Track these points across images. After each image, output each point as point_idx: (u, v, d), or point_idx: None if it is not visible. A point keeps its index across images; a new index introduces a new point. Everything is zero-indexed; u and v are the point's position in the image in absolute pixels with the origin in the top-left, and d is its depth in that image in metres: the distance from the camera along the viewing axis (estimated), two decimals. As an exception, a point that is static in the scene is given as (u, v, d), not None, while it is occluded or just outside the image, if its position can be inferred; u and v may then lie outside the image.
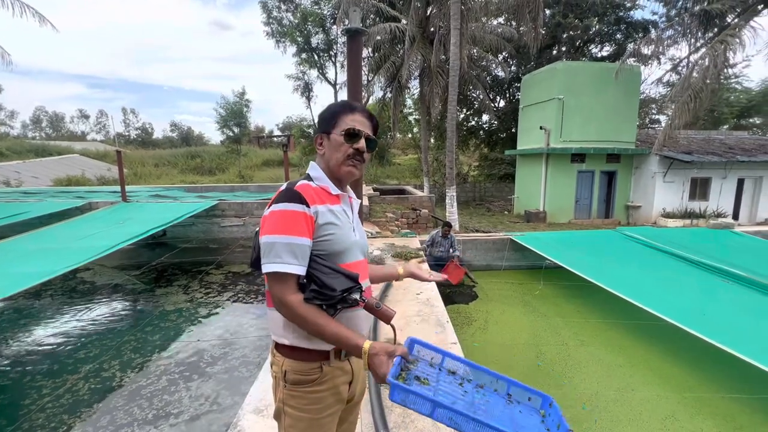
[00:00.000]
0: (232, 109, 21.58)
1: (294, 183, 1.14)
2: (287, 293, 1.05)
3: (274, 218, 1.07)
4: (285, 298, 1.05)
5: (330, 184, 1.19)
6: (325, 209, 1.13)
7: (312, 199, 1.10)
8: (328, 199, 1.17)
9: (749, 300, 4.96)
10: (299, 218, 1.07)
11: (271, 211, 1.09)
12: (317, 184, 1.18)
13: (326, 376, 1.16)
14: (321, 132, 1.22)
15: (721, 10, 10.44)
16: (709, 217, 11.03)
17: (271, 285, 1.08)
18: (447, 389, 1.03)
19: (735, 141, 14.51)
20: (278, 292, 1.06)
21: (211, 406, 3.74)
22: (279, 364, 1.17)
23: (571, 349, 4.75)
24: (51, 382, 4.13)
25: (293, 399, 1.16)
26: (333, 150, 1.19)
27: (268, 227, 1.08)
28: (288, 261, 1.04)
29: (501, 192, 18.22)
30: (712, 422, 3.42)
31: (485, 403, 1.05)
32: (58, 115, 53.22)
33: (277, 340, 1.18)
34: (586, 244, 7.68)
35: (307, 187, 1.13)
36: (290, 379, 1.15)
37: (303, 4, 21.34)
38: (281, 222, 1.06)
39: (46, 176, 18.42)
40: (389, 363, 1.00)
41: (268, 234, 1.07)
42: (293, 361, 1.15)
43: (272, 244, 1.05)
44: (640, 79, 12.70)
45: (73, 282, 7.60)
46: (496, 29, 14.66)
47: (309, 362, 1.15)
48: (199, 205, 9.31)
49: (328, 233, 1.12)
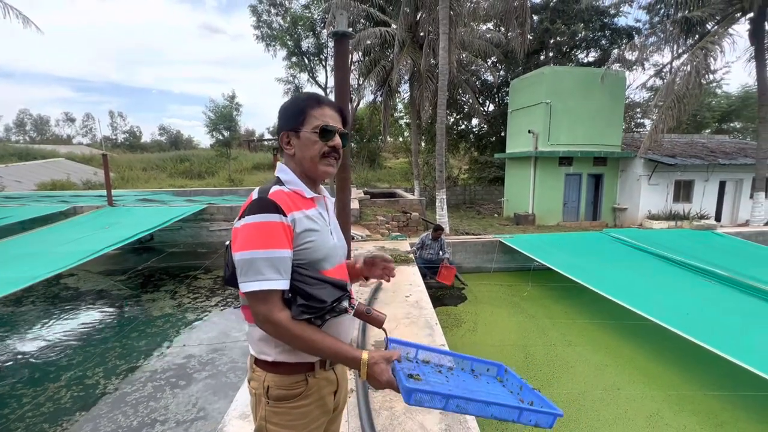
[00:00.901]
0: (221, 113, 21.42)
1: (266, 190, 1.05)
2: (273, 311, 0.98)
3: (250, 231, 0.99)
4: (272, 317, 0.98)
5: (303, 188, 1.11)
6: (301, 216, 1.05)
7: (287, 207, 1.03)
8: (303, 204, 1.09)
9: (731, 299, 5.08)
10: (277, 229, 0.99)
11: (245, 223, 1.00)
12: (290, 189, 1.09)
13: (312, 389, 1.11)
14: (288, 129, 1.11)
15: (701, 17, 10.75)
16: (692, 219, 11.28)
17: (254, 304, 0.99)
18: (434, 380, 1.12)
19: (716, 144, 14.90)
20: (263, 311, 0.98)
21: (198, 412, 3.69)
22: (260, 380, 1.10)
23: (558, 350, 4.80)
24: (32, 390, 4.03)
25: (277, 416, 1.09)
26: (305, 149, 1.10)
27: (244, 242, 0.99)
28: (271, 277, 0.97)
29: (491, 195, 18.39)
30: (695, 419, 3.49)
31: (463, 381, 1.17)
32: (43, 118, 52.16)
33: (258, 356, 1.11)
34: (573, 246, 7.79)
35: (281, 194, 1.05)
36: (273, 395, 1.08)
37: (293, 8, 21.37)
38: (258, 235, 0.98)
39: (29, 180, 18.03)
40: (388, 369, 1.01)
41: (245, 249, 0.98)
42: (276, 376, 1.08)
43: (251, 260, 0.97)
44: (625, 83, 12.97)
45: (56, 288, 7.43)
46: (485, 34, 14.88)
47: (293, 375, 1.09)
48: (187, 209, 9.22)
49: (307, 241, 1.05)
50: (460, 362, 1.27)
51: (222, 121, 21.53)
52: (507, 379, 1.22)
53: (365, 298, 4.60)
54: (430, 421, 2.41)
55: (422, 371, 1.15)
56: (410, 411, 2.49)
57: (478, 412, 0.99)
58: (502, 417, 1.00)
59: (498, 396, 1.11)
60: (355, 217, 9.62)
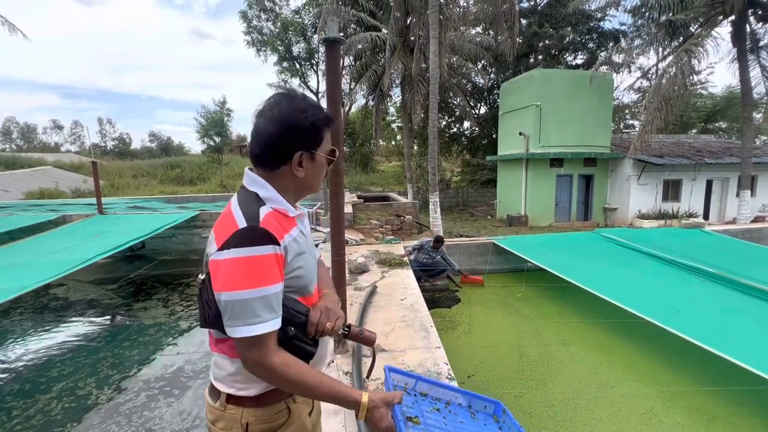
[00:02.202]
0: (212, 119, 21.31)
1: (254, 215, 0.90)
2: (268, 355, 0.87)
3: (241, 268, 0.85)
4: (265, 362, 0.87)
5: (287, 207, 0.98)
6: (291, 241, 0.94)
7: (279, 233, 0.90)
8: (288, 225, 0.97)
9: (720, 296, 5.17)
10: (271, 262, 0.87)
11: (233, 257, 0.85)
12: (272, 207, 0.95)
13: (293, 416, 1.02)
14: (305, 150, 0.97)
15: (685, 20, 11.00)
16: (681, 218, 11.47)
17: (245, 349, 0.88)
18: (433, 421, 1.11)
19: (703, 144, 15.20)
20: (256, 356, 0.87)
21: (194, 420, 3.65)
22: (234, 418, 0.97)
23: (552, 349, 4.84)
24: (21, 402, 3.95)
25: None
26: (317, 172, 1.02)
27: (233, 280, 0.85)
28: (267, 318, 0.86)
29: (484, 197, 18.51)
30: (687, 415, 3.54)
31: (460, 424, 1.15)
32: (30, 126, 51.48)
33: (236, 393, 0.97)
34: (566, 246, 7.88)
35: (270, 218, 0.91)
36: (255, 430, 0.97)
37: (283, 13, 21.40)
38: (251, 272, 0.85)
39: (17, 189, 17.72)
40: (389, 414, 0.94)
41: (234, 289, 0.84)
42: (258, 410, 0.97)
43: (243, 301, 0.84)
44: (613, 85, 13.20)
45: (45, 298, 7.30)
46: (475, 38, 15.04)
47: (276, 405, 0.99)
48: (179, 216, 9.15)
49: (298, 267, 0.96)
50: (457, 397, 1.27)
51: (213, 127, 21.42)
52: (504, 421, 1.21)
53: (360, 302, 4.60)
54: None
55: (420, 410, 1.14)
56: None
57: None
58: None
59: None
60: (348, 222, 9.62)
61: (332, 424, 2.40)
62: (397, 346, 3.47)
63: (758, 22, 10.77)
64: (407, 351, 3.36)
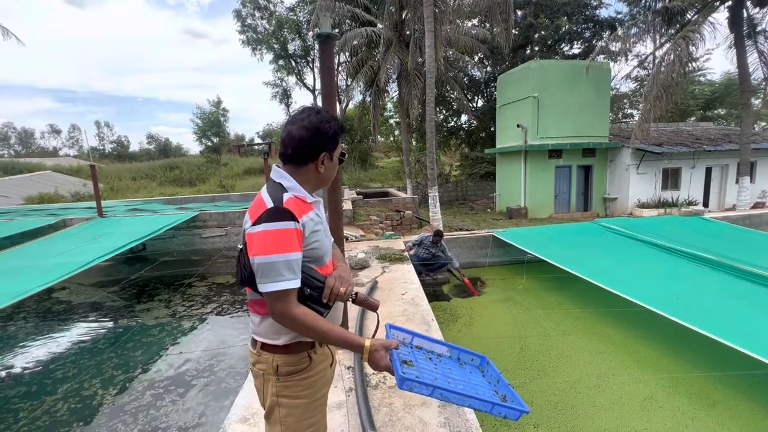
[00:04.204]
0: (209, 119, 21.28)
1: (279, 199, 1.15)
2: (291, 307, 1.12)
3: (269, 238, 1.10)
4: (289, 312, 1.11)
5: (306, 194, 1.24)
6: (308, 220, 1.19)
7: (299, 213, 1.16)
8: (306, 208, 1.22)
9: (719, 283, 5.19)
10: (292, 235, 1.12)
11: (264, 230, 1.10)
12: (293, 194, 1.20)
13: (315, 363, 1.28)
14: (328, 152, 1.26)
15: (682, 6, 10.93)
16: (681, 206, 11.46)
17: (273, 302, 1.12)
18: (424, 366, 1.27)
19: (701, 132, 15.16)
20: (281, 308, 1.11)
21: (199, 418, 3.68)
22: (268, 361, 1.24)
23: (553, 340, 4.86)
24: (28, 404, 3.99)
25: (287, 389, 1.24)
26: (332, 171, 1.31)
27: (264, 247, 1.09)
28: (289, 277, 1.10)
29: (483, 190, 18.50)
30: (687, 400, 3.57)
31: (449, 369, 1.33)
32: (27, 131, 51.44)
33: (269, 342, 1.24)
34: (565, 237, 7.89)
35: (292, 201, 1.17)
36: (283, 371, 1.23)
37: (278, 11, 21.29)
38: (277, 241, 1.09)
39: (16, 195, 17.75)
40: (387, 356, 1.15)
41: (265, 254, 1.09)
42: (285, 356, 1.23)
43: (272, 263, 1.09)
44: (610, 75, 13.13)
45: (47, 302, 7.33)
46: (470, 31, 14.95)
47: (299, 353, 1.24)
48: (179, 217, 9.16)
49: (314, 241, 1.20)
50: (449, 350, 1.42)
51: (210, 128, 21.39)
52: (487, 370, 1.38)
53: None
54: (428, 414, 2.45)
55: (415, 357, 1.29)
56: (409, 406, 2.52)
57: (458, 402, 1.15)
58: (478, 408, 1.17)
59: (477, 386, 1.26)
60: (348, 218, 9.63)
61: (336, 417, 2.43)
62: (398, 339, 3.50)
63: (755, 6, 10.70)
64: (408, 344, 3.38)
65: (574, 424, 3.27)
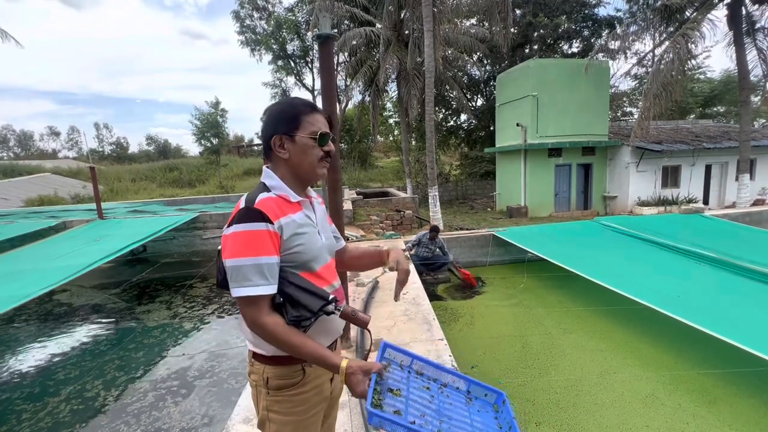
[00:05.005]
0: (207, 120, 21.28)
1: (252, 199, 1.07)
2: (260, 315, 1.02)
3: (238, 239, 1.02)
4: (259, 320, 1.02)
5: (289, 192, 1.13)
6: (288, 221, 1.08)
7: (274, 214, 1.05)
8: (290, 209, 1.11)
9: (720, 280, 5.20)
10: (263, 237, 1.02)
11: (233, 232, 1.03)
12: (276, 194, 1.11)
13: (309, 377, 1.16)
14: (282, 134, 1.12)
15: (681, 4, 10.93)
16: (681, 203, 11.47)
17: (243, 308, 1.04)
18: (416, 396, 1.09)
19: (701, 129, 15.17)
20: (251, 314, 1.03)
21: (202, 419, 3.69)
22: (259, 372, 1.14)
23: (554, 338, 4.87)
24: (31, 406, 4.00)
25: (278, 404, 1.14)
26: (302, 154, 1.13)
27: (232, 249, 1.02)
28: (258, 282, 1.01)
29: (483, 189, 18.50)
30: (689, 397, 3.58)
31: (449, 406, 1.12)
32: (27, 133, 51.36)
33: (256, 351, 1.15)
34: (566, 236, 7.89)
35: (268, 201, 1.07)
36: (273, 385, 1.13)
37: (276, 12, 21.28)
38: (245, 243, 1.01)
39: (16, 197, 17.74)
40: (365, 381, 1.01)
41: (233, 257, 1.01)
42: (275, 367, 1.13)
43: (239, 267, 1.01)
44: (609, 73, 13.14)
45: (49, 305, 7.34)
46: (469, 30, 14.96)
47: (291, 366, 1.13)
48: (179, 218, 9.17)
49: (296, 245, 1.08)
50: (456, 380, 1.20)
51: (209, 129, 21.39)
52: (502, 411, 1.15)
53: (363, 297, 4.63)
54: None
55: (408, 385, 1.11)
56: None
57: None
58: None
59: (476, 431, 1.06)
60: (348, 218, 9.64)
61: (339, 417, 2.43)
62: (400, 339, 3.51)
63: (754, 4, 10.71)
64: (410, 344, 3.39)
65: (576, 422, 3.28)
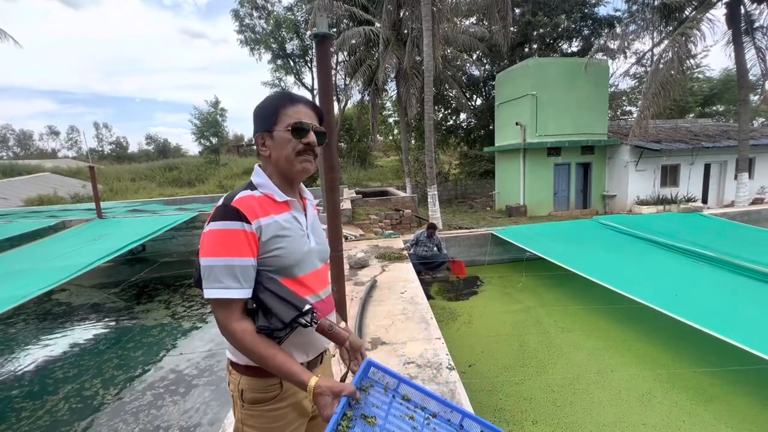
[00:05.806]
0: (207, 120, 21.28)
1: (232, 197, 1.01)
2: (230, 320, 0.96)
3: (211, 238, 0.97)
4: (228, 326, 0.96)
5: (275, 191, 1.07)
6: (270, 221, 1.01)
7: (253, 213, 0.99)
8: (273, 209, 1.04)
9: (718, 279, 5.21)
10: (238, 237, 0.96)
11: (209, 230, 0.98)
12: (261, 192, 1.05)
13: (287, 392, 1.07)
14: (263, 131, 1.08)
15: (680, 3, 10.93)
16: (680, 202, 11.48)
17: (214, 310, 0.98)
18: (394, 427, 0.95)
19: (700, 128, 15.18)
20: (221, 318, 0.96)
21: (201, 418, 3.70)
22: (235, 382, 1.07)
23: (552, 337, 4.88)
24: (30, 404, 4.01)
25: (252, 418, 1.07)
26: (280, 149, 1.06)
27: (206, 248, 0.97)
28: (230, 285, 0.95)
29: (482, 188, 18.52)
30: (685, 395, 3.59)
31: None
32: (26, 132, 51.36)
33: (231, 358, 1.09)
34: (565, 235, 7.90)
35: (248, 200, 1.01)
36: (248, 398, 1.05)
37: (276, 11, 21.26)
38: (219, 242, 0.96)
39: (15, 197, 17.75)
40: (334, 404, 0.92)
41: (206, 256, 0.96)
42: (250, 379, 1.05)
43: (211, 267, 0.95)
44: (609, 72, 13.14)
45: (47, 304, 7.35)
46: (468, 29, 14.96)
47: (267, 378, 1.05)
48: (178, 218, 9.16)
49: (276, 248, 1.01)
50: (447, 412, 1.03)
51: (208, 128, 21.40)
52: None
53: (361, 296, 4.64)
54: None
55: (387, 413, 0.98)
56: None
57: None
58: None
59: None
60: (347, 217, 9.65)
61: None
62: (397, 338, 3.51)
63: (752, 2, 10.70)
64: (407, 343, 3.40)
65: (573, 420, 3.29)
